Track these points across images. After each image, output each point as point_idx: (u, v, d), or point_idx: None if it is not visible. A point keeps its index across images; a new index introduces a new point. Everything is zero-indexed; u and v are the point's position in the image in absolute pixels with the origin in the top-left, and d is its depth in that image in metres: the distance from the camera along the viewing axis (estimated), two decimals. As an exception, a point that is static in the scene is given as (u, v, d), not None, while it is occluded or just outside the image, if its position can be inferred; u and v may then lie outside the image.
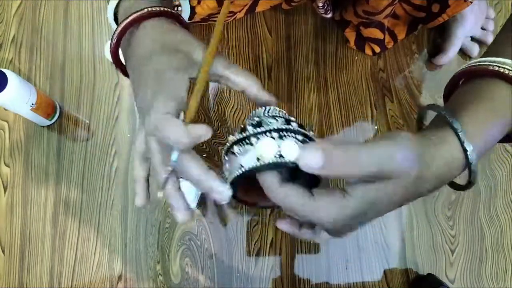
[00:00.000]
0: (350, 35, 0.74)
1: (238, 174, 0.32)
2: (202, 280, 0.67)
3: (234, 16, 0.73)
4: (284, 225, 0.37)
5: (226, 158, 0.34)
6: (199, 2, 0.65)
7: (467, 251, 0.69)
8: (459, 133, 0.30)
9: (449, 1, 0.63)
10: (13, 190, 0.70)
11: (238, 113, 0.73)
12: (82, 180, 0.70)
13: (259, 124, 0.34)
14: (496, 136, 0.32)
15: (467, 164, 0.31)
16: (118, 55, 0.37)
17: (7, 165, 0.71)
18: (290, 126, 0.33)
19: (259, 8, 0.75)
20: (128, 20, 0.35)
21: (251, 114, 0.38)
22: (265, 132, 0.32)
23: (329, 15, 0.73)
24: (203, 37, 0.76)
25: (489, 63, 0.33)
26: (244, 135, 0.33)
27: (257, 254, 0.68)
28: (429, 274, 0.67)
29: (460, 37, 0.72)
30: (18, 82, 0.61)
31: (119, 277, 0.67)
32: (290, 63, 0.76)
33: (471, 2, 0.63)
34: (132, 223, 0.69)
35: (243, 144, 0.33)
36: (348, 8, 0.68)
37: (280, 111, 0.39)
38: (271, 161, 0.31)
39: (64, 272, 0.67)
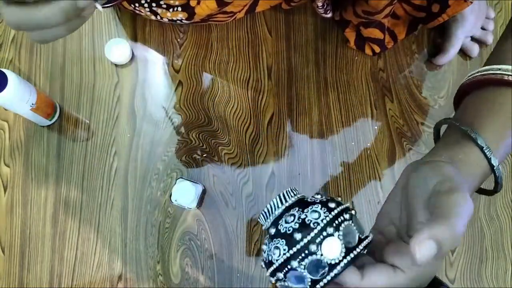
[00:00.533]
0: (350, 35, 0.74)
1: None
2: (202, 280, 0.67)
3: (234, 16, 0.73)
4: None
5: (283, 275, 0.30)
6: (198, 3, 0.65)
7: (467, 251, 0.69)
8: (486, 151, 0.31)
9: (449, 1, 0.63)
10: (13, 190, 0.70)
11: (238, 113, 0.73)
12: (82, 180, 0.70)
13: (305, 225, 0.29)
14: None
15: (495, 177, 0.32)
16: None
17: (7, 165, 0.71)
18: (333, 211, 0.30)
19: (259, 8, 0.75)
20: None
21: (267, 211, 0.33)
22: (321, 233, 0.29)
23: (329, 15, 0.73)
24: (203, 37, 0.76)
25: (497, 72, 0.33)
26: (299, 246, 0.29)
27: (257, 254, 0.68)
28: (429, 274, 0.67)
29: (460, 37, 0.72)
30: (18, 82, 0.61)
31: (119, 277, 0.67)
32: (290, 63, 0.76)
33: (471, 2, 0.63)
34: (132, 223, 0.69)
35: (304, 256, 0.29)
36: (347, 8, 0.68)
37: (292, 190, 0.34)
38: (346, 262, 0.29)
39: (64, 272, 0.67)
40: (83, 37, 0.77)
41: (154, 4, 0.66)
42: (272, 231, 0.31)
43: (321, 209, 0.30)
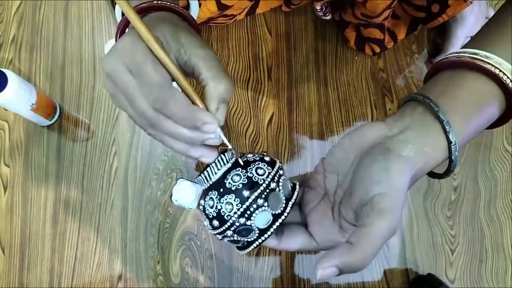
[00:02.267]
0: (350, 35, 0.74)
1: (265, 238, 0.34)
2: (202, 280, 0.67)
3: (234, 19, 0.73)
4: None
5: (232, 232, 0.34)
6: (199, 6, 0.65)
7: (467, 251, 0.69)
8: (446, 125, 0.31)
9: (449, 1, 0.63)
10: (13, 190, 0.70)
11: (238, 113, 0.73)
12: (82, 180, 0.70)
13: (251, 181, 0.33)
14: (475, 128, 0.33)
15: (449, 154, 0.32)
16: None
17: (7, 165, 0.71)
18: (273, 168, 0.35)
19: (259, 11, 0.75)
20: (137, 7, 0.34)
21: (209, 173, 0.36)
22: (266, 189, 0.34)
23: (328, 17, 0.73)
24: (203, 38, 0.76)
25: (472, 55, 0.33)
26: (250, 200, 0.33)
27: (257, 254, 0.68)
28: (429, 274, 0.67)
29: (460, 37, 0.72)
30: (18, 82, 0.61)
31: (119, 277, 0.67)
32: (290, 63, 0.76)
33: (471, 2, 0.63)
34: (132, 223, 0.69)
35: (252, 211, 0.33)
36: (347, 10, 0.68)
37: (231, 151, 0.36)
38: (286, 214, 0.35)
39: (64, 272, 0.67)
40: (83, 37, 0.77)
41: None
42: (221, 189, 0.34)
43: (264, 166, 0.34)
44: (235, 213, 0.32)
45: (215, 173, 0.35)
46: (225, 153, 0.36)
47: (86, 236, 0.69)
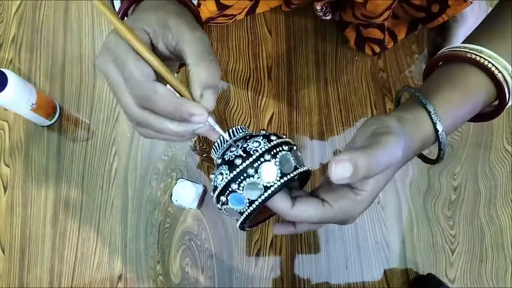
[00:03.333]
0: (350, 35, 0.74)
1: (253, 209, 0.32)
2: (202, 280, 0.67)
3: (234, 18, 0.73)
4: (281, 229, 0.38)
5: (225, 198, 0.33)
6: (198, 5, 0.65)
7: (467, 251, 0.69)
8: (432, 115, 0.33)
9: (449, 1, 0.63)
10: (13, 190, 0.70)
11: (238, 113, 0.73)
12: (82, 180, 0.70)
13: (246, 152, 0.32)
14: (465, 117, 0.36)
15: (438, 142, 0.34)
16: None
17: (7, 165, 0.71)
18: (273, 142, 0.33)
19: (258, 10, 0.75)
20: None
21: (217, 145, 0.35)
22: (259, 159, 0.32)
23: (328, 17, 0.73)
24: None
25: (467, 50, 0.35)
26: (238, 170, 0.32)
27: (257, 254, 0.68)
28: (429, 274, 0.67)
29: (460, 37, 0.72)
30: (18, 82, 0.61)
31: (119, 277, 0.67)
32: (290, 63, 0.76)
33: (471, 2, 0.63)
34: (132, 223, 0.69)
35: (242, 179, 0.32)
36: (347, 10, 0.68)
37: (241, 127, 0.37)
38: (279, 184, 0.31)
39: (64, 272, 0.67)
40: (83, 37, 0.77)
41: None
42: (219, 161, 0.34)
43: (262, 140, 0.33)
44: (225, 180, 0.32)
45: (221, 146, 0.35)
46: (234, 129, 0.36)
47: (86, 236, 0.69)
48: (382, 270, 0.68)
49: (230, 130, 0.35)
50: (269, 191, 0.31)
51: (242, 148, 0.33)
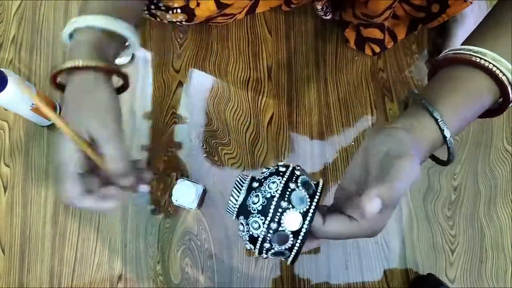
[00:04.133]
0: (350, 35, 0.74)
1: (303, 237, 0.33)
2: (202, 280, 0.67)
3: (234, 18, 0.73)
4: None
5: (269, 244, 0.34)
6: (198, 5, 0.64)
7: (467, 251, 0.69)
8: (440, 123, 0.34)
9: (449, 1, 0.63)
10: (13, 190, 0.70)
11: (238, 113, 0.73)
12: (82, 180, 0.70)
13: (270, 194, 0.34)
14: (470, 119, 0.36)
15: (447, 147, 0.35)
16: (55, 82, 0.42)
17: (7, 165, 0.71)
18: (286, 173, 0.35)
19: (258, 10, 0.75)
20: (66, 66, 0.39)
21: (232, 203, 0.37)
22: (286, 191, 0.33)
23: (329, 17, 0.73)
24: (203, 38, 0.76)
25: (471, 53, 0.35)
26: (272, 209, 0.33)
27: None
28: (429, 274, 0.67)
29: (460, 37, 0.72)
30: (18, 82, 0.61)
31: (119, 277, 0.67)
32: (290, 63, 0.76)
33: (471, 2, 0.63)
34: (132, 223, 0.69)
35: (279, 214, 0.33)
36: (347, 10, 0.68)
37: (242, 175, 0.38)
38: (314, 207, 0.33)
39: (64, 272, 0.67)
40: (83, 37, 0.76)
41: (152, 7, 0.66)
42: (243, 213, 0.35)
43: (276, 177, 0.35)
44: (263, 226, 0.33)
45: (236, 199, 0.36)
46: (240, 177, 0.37)
47: (86, 236, 0.69)
48: (382, 270, 0.68)
49: (236, 181, 0.37)
50: (309, 215, 0.33)
51: (263, 193, 0.34)
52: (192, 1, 0.65)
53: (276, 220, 0.33)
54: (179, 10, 0.65)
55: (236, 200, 0.36)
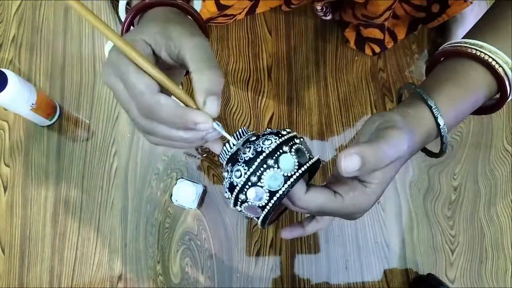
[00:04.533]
0: (350, 35, 0.74)
1: (277, 199, 0.32)
2: (202, 280, 0.67)
3: (235, 18, 0.73)
4: (289, 233, 0.39)
5: (244, 196, 0.33)
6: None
7: (467, 251, 0.69)
8: (434, 110, 0.34)
9: (449, 1, 0.63)
10: (13, 190, 0.70)
11: (238, 113, 0.73)
12: (82, 180, 0.70)
13: (261, 150, 0.34)
14: (466, 112, 0.36)
15: (440, 136, 0.35)
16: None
17: (7, 165, 0.71)
18: (284, 136, 0.34)
19: (259, 10, 0.75)
20: (142, 3, 0.35)
21: (226, 150, 0.37)
22: (277, 150, 0.33)
23: (329, 17, 0.73)
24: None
25: (467, 45, 0.36)
26: (257, 162, 0.32)
27: (257, 254, 0.68)
28: (429, 274, 0.67)
29: (460, 37, 0.72)
30: (18, 82, 0.61)
31: (119, 277, 0.67)
32: (290, 63, 0.76)
33: (471, 2, 0.63)
34: (132, 223, 0.69)
35: (262, 170, 0.32)
36: (347, 10, 0.68)
37: (245, 129, 0.38)
38: (298, 174, 0.32)
39: (64, 272, 0.67)
40: (83, 37, 0.77)
41: None
42: (232, 161, 0.35)
43: (273, 137, 0.34)
44: (244, 175, 0.33)
45: (231, 147, 0.36)
46: (242, 129, 0.37)
47: (86, 236, 0.69)
48: (382, 270, 0.68)
49: (238, 132, 0.37)
50: (291, 180, 0.32)
51: (256, 146, 0.34)
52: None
53: (258, 174, 0.32)
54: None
55: (231, 148, 0.36)
